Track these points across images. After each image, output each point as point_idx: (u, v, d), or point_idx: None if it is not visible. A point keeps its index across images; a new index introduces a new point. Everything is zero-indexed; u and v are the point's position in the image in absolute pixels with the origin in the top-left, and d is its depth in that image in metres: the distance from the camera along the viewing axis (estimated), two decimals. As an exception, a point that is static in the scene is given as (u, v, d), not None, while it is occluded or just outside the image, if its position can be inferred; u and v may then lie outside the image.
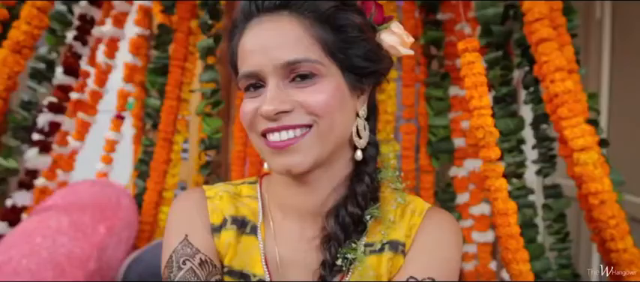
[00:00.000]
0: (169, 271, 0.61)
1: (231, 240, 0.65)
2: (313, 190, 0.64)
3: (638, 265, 0.90)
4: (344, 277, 0.62)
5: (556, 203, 1.29)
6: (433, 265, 0.61)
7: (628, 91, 1.75)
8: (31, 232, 1.20)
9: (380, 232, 0.64)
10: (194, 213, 0.67)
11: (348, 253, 0.62)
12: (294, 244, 0.66)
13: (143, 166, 1.69)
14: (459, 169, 1.62)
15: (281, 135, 0.58)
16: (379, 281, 0.62)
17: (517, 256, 0.90)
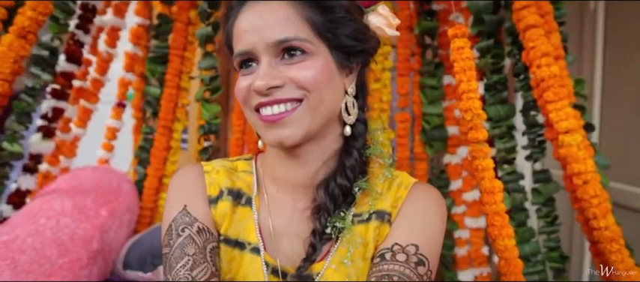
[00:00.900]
0: (169, 238, 0.65)
1: (227, 210, 0.69)
2: (304, 163, 0.68)
3: (618, 241, 0.94)
4: (333, 245, 0.66)
5: (545, 187, 1.33)
6: (417, 233, 0.65)
7: (621, 81, 1.78)
8: (35, 213, 1.24)
9: (367, 203, 0.68)
10: (192, 185, 0.70)
11: (337, 222, 0.65)
12: (287, 214, 0.69)
13: (143, 153, 1.73)
14: (452, 157, 1.66)
15: (273, 109, 0.62)
16: (366, 248, 0.66)
17: (503, 232, 0.94)
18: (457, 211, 1.67)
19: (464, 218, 1.66)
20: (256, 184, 0.73)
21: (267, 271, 0.66)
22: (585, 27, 1.94)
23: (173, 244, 0.64)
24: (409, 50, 1.70)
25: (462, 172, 1.65)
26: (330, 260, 0.65)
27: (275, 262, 0.66)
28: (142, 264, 1.28)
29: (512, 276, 0.92)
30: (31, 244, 1.12)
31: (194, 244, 0.63)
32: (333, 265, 0.65)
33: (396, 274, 0.59)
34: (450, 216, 1.68)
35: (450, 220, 1.69)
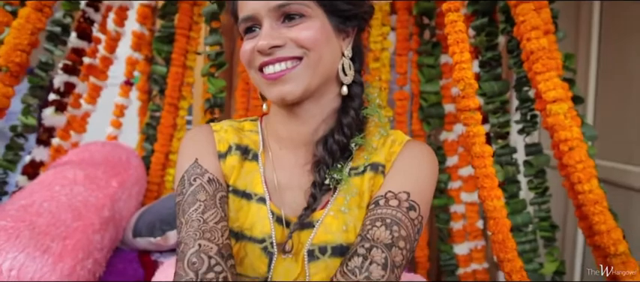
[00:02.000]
0: (182, 187, 0.71)
1: (235, 164, 0.75)
2: (305, 122, 0.74)
3: (601, 203, 1.00)
4: (331, 195, 0.72)
5: (536, 160, 1.38)
6: (409, 182, 0.70)
7: (616, 66, 1.82)
8: (50, 181, 1.31)
9: (363, 157, 0.74)
10: (203, 142, 0.76)
11: (335, 174, 0.71)
12: (290, 169, 0.75)
13: (150, 130, 1.79)
14: (448, 134, 1.72)
15: (275, 67, 0.68)
16: (361, 197, 0.72)
17: (492, 194, 0.99)
18: (453, 186, 1.73)
19: (459, 193, 1.72)
20: (262, 142, 0.78)
21: (273, 218, 0.71)
22: (581, 17, 1.98)
23: (186, 192, 0.70)
24: (407, 31, 1.75)
25: (458, 148, 1.71)
26: (328, 208, 0.71)
27: (279, 211, 0.72)
28: (152, 230, 1.34)
29: (500, 234, 0.98)
30: (47, 208, 1.18)
31: (205, 192, 0.69)
32: (331, 213, 0.70)
33: (388, 217, 0.65)
34: (446, 191, 1.75)
35: (446, 195, 1.75)
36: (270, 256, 0.69)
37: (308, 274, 0.68)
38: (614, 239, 0.98)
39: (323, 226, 0.70)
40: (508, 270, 0.97)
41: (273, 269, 0.69)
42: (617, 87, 1.73)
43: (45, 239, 1.11)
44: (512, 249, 0.98)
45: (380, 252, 0.61)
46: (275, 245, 0.69)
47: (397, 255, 0.62)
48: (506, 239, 0.97)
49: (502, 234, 0.97)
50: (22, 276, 1.07)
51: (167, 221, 1.33)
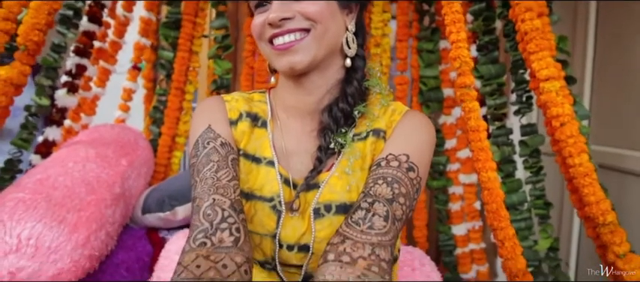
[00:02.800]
0: (196, 150, 0.76)
1: (246, 129, 0.80)
2: (311, 91, 0.79)
3: (591, 176, 1.05)
4: (336, 159, 0.77)
5: (531, 140, 1.43)
6: (408, 146, 0.75)
7: (612, 53, 1.86)
8: (63, 158, 1.36)
9: (365, 124, 0.79)
10: (215, 110, 0.81)
11: (340, 138, 0.76)
12: (297, 136, 0.80)
13: (157, 113, 1.84)
14: (447, 117, 1.77)
15: (284, 38, 0.73)
16: (364, 160, 0.77)
17: (486, 165, 1.05)
18: (451, 168, 1.78)
19: (458, 175, 1.78)
20: (270, 112, 0.84)
21: (281, 180, 0.77)
22: (578, 5, 2.02)
23: (200, 154, 0.75)
24: (407, 17, 1.79)
25: (456, 131, 1.76)
26: (333, 170, 0.76)
27: (287, 173, 0.77)
28: (161, 205, 1.40)
29: (494, 204, 1.03)
30: (62, 182, 1.24)
31: (218, 154, 0.74)
32: (336, 174, 0.76)
33: (389, 176, 0.70)
34: (445, 173, 1.80)
35: (445, 176, 1.80)
36: (278, 214, 0.74)
37: (314, 230, 0.73)
38: (603, 209, 1.03)
39: (328, 186, 0.75)
40: (501, 238, 1.02)
41: (281, 226, 0.74)
42: (613, 73, 1.78)
43: (61, 211, 1.16)
44: (506, 218, 1.03)
45: (382, 206, 0.66)
46: (283, 204, 0.75)
47: (397, 209, 0.67)
48: (500, 208, 1.02)
49: (496, 203, 1.03)
50: (40, 244, 1.12)
51: (175, 197, 1.38)
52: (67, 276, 1.17)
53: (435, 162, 1.79)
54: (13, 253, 1.11)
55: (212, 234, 0.64)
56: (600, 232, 1.05)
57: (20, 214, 1.12)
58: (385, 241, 0.63)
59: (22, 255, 1.11)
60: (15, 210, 1.13)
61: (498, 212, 1.02)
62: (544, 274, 1.45)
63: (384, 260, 0.61)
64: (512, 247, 1.01)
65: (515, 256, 1.00)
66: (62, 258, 1.14)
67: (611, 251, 1.04)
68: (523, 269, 1.00)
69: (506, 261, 1.02)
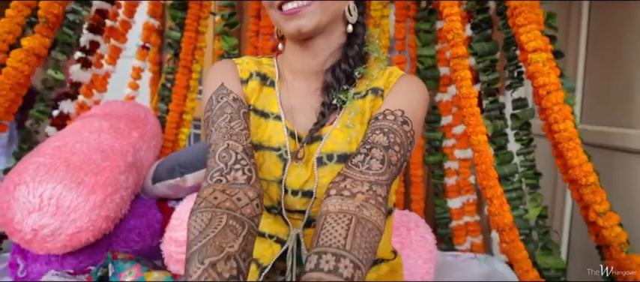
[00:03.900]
0: (210, 105, 0.83)
1: (255, 87, 0.87)
2: (316, 54, 0.86)
3: (574, 140, 1.13)
4: (337, 114, 0.85)
5: (522, 113, 1.51)
6: (404, 103, 0.83)
7: (605, 34, 1.93)
8: (79, 129, 1.44)
9: (365, 84, 0.87)
10: (227, 70, 0.89)
11: (341, 95, 0.84)
12: (302, 95, 0.88)
13: (165, 91, 1.92)
14: (443, 95, 1.85)
15: (293, 4, 0.80)
16: (363, 115, 0.84)
17: (477, 130, 1.12)
18: (447, 143, 1.86)
19: (453, 150, 1.86)
20: (278, 74, 0.91)
21: (287, 132, 0.84)
22: None
23: (214, 107, 0.82)
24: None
25: (452, 108, 1.83)
26: (335, 124, 0.84)
27: (293, 127, 0.85)
28: (171, 172, 1.47)
29: (484, 165, 1.11)
30: (79, 149, 1.32)
31: (230, 107, 0.82)
32: (338, 126, 0.83)
33: (386, 127, 0.78)
34: (441, 148, 1.88)
35: (441, 152, 1.88)
36: (284, 162, 0.82)
37: (317, 177, 0.81)
38: (585, 171, 1.11)
39: (330, 138, 0.83)
40: (490, 196, 1.10)
41: (287, 173, 0.82)
42: (606, 54, 1.85)
43: (79, 174, 1.24)
44: (494, 178, 1.11)
45: (379, 151, 0.74)
46: (289, 153, 0.82)
47: (393, 155, 0.75)
48: (489, 169, 1.10)
49: (485, 165, 1.10)
50: (60, 204, 1.20)
51: (185, 166, 1.45)
52: (86, 235, 1.25)
53: (431, 138, 1.87)
54: (36, 211, 1.19)
55: (227, 173, 0.72)
56: (583, 193, 1.13)
57: (42, 176, 1.20)
58: (381, 181, 0.71)
59: (44, 213, 1.19)
60: (37, 172, 1.21)
61: (487, 172, 1.10)
62: (534, 242, 1.54)
63: (380, 195, 0.69)
64: (500, 205, 1.09)
65: (503, 212, 1.08)
66: (81, 217, 1.22)
67: (592, 210, 1.12)
68: (509, 224, 1.08)
69: (494, 217, 1.10)
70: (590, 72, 2.00)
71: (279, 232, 0.86)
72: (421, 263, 1.25)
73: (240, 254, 0.61)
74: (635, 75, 1.64)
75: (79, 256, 1.35)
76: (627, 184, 1.65)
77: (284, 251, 0.85)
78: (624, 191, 1.64)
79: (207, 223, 0.63)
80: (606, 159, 1.75)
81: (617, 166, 1.73)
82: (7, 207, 1.20)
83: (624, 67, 1.70)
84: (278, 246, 0.86)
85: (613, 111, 1.80)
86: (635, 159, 1.65)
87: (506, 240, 1.07)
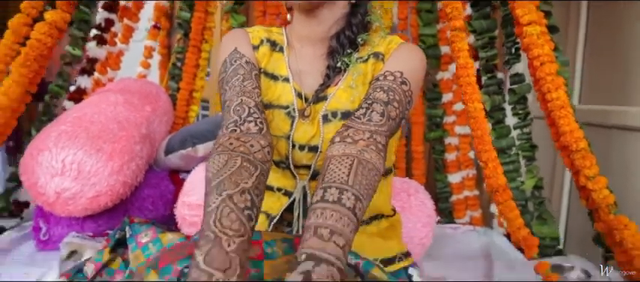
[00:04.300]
0: (224, 67, 0.90)
1: (266, 52, 0.94)
2: (321, 22, 0.93)
3: (566, 108, 1.19)
4: (342, 76, 0.92)
5: (519, 88, 1.57)
6: (403, 66, 0.90)
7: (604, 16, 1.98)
8: (96, 102, 1.51)
9: (367, 50, 0.93)
10: (240, 37, 0.96)
11: (345, 59, 0.91)
12: (309, 60, 0.95)
13: (175, 70, 1.99)
14: (444, 73, 1.91)
15: None
16: (365, 77, 0.91)
17: (473, 97, 1.19)
18: (448, 120, 1.93)
19: (454, 127, 1.92)
20: (286, 42, 0.98)
21: (294, 93, 0.91)
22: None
23: (228, 69, 0.89)
24: (408, -21, 1.93)
25: (453, 86, 1.90)
26: (339, 85, 0.91)
27: (300, 88, 0.92)
28: (183, 143, 1.55)
29: (479, 130, 1.18)
30: (97, 119, 1.39)
31: (243, 68, 0.89)
32: (341, 87, 0.90)
33: (386, 86, 0.85)
34: (442, 125, 1.95)
35: (441, 128, 1.95)
36: (292, 119, 0.89)
37: (322, 133, 0.88)
38: (576, 137, 1.18)
39: (335, 97, 0.90)
40: (484, 159, 1.17)
41: (295, 129, 0.89)
42: (604, 36, 1.90)
43: (98, 141, 1.32)
44: (489, 142, 1.18)
45: (379, 105, 0.81)
46: (296, 111, 0.90)
47: (392, 110, 0.82)
48: (484, 134, 1.17)
49: (481, 130, 1.17)
50: (81, 169, 1.28)
51: (197, 136, 1.53)
52: (104, 198, 1.33)
53: (432, 115, 1.94)
54: (58, 175, 1.27)
55: (241, 124, 0.79)
56: (573, 158, 1.19)
57: (64, 142, 1.28)
58: (381, 130, 0.78)
59: (66, 177, 1.27)
60: (59, 139, 1.29)
61: (483, 138, 1.17)
62: (530, 213, 1.60)
63: (379, 143, 0.76)
64: (495, 167, 1.15)
65: (497, 174, 1.15)
66: (100, 182, 1.30)
67: (582, 175, 1.18)
68: (503, 185, 1.15)
69: (488, 179, 1.16)
70: (589, 55, 2.05)
71: (287, 185, 0.93)
72: (420, 227, 1.32)
73: (253, 190, 0.68)
74: (632, 55, 1.69)
75: (98, 221, 1.43)
76: (624, 161, 1.70)
77: (291, 203, 0.93)
78: (621, 168, 1.70)
79: (224, 164, 0.70)
80: (604, 137, 1.81)
81: (615, 143, 1.79)
82: (31, 171, 1.28)
83: (622, 47, 1.75)
84: (286, 198, 0.93)
85: (611, 91, 1.86)
86: (630, 135, 1.71)
87: (500, 200, 1.14)
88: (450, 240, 1.76)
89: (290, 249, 0.79)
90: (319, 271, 0.56)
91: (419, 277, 0.97)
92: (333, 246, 0.59)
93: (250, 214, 0.65)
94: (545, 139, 1.60)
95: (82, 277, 1.24)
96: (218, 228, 0.61)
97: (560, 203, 2.04)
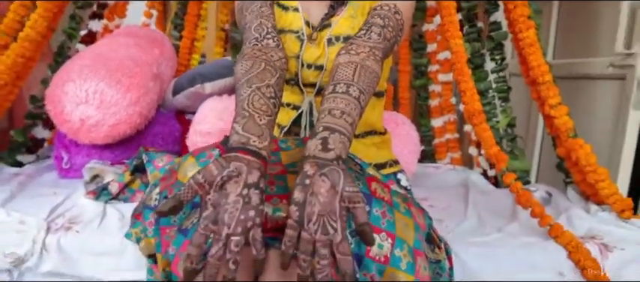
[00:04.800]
0: (241, 15, 1.04)
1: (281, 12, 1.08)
2: None
3: (535, 46, 1.35)
4: (344, 6, 1.07)
5: (497, 35, 1.74)
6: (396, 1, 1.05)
7: None
8: (109, 43, 1.63)
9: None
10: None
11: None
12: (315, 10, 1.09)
13: (177, 19, 2.11)
14: (429, 25, 2.06)
15: None
16: (364, 9, 1.06)
17: (454, 34, 1.35)
18: (432, 69, 2.10)
19: (437, 75, 2.09)
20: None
21: (303, 20, 1.06)
22: None
23: (247, 19, 1.03)
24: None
25: (437, 36, 2.06)
26: (342, 14, 1.06)
27: (308, 17, 1.07)
28: (191, 81, 1.68)
29: (459, 63, 1.34)
30: (114, 56, 1.52)
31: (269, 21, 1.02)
32: (344, 16, 1.06)
33: (382, 14, 1.00)
34: (426, 73, 2.11)
35: (426, 76, 2.12)
36: (301, 42, 1.04)
37: (327, 53, 1.04)
38: (542, 71, 1.35)
39: (338, 24, 1.05)
40: (463, 88, 1.34)
41: (303, 51, 1.04)
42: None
43: (117, 74, 1.45)
44: (467, 74, 1.35)
45: (377, 28, 0.97)
46: (305, 35, 1.05)
47: (387, 32, 0.98)
48: (463, 66, 1.34)
49: (460, 63, 1.34)
50: (103, 99, 1.42)
51: (205, 75, 1.66)
52: (123, 127, 1.47)
53: (417, 64, 2.10)
54: (83, 104, 1.41)
55: (261, 40, 0.94)
56: (539, 90, 1.37)
57: (86, 74, 1.41)
58: (379, 46, 0.94)
59: (89, 106, 1.41)
60: (81, 72, 1.42)
61: (462, 69, 1.34)
62: (504, 149, 1.79)
63: (377, 55, 0.92)
64: (472, 95, 1.33)
65: (473, 101, 1.32)
66: (120, 111, 1.44)
67: (547, 104, 1.36)
68: (479, 110, 1.32)
69: (466, 105, 1.34)
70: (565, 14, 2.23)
71: (295, 100, 1.09)
72: (407, 153, 1.50)
73: (275, 86, 0.84)
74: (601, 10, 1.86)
75: (115, 151, 1.58)
76: (590, 108, 1.90)
77: (299, 116, 1.08)
78: (587, 113, 1.90)
79: (250, 66, 0.86)
80: (573, 88, 2.00)
81: (582, 92, 1.98)
82: (58, 100, 1.41)
83: (593, 3, 1.92)
84: (294, 111, 1.09)
85: (580, 44, 2.04)
86: (595, 83, 1.90)
87: (476, 122, 1.31)
88: (432, 176, 1.95)
89: (301, 144, 0.95)
90: (334, 138, 0.72)
91: (406, 181, 1.15)
92: (344, 122, 0.75)
93: (274, 102, 0.81)
94: (522, 93, 1.79)
95: (106, 195, 1.40)
96: (251, 108, 0.76)
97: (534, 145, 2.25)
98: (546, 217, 1.17)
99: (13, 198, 1.32)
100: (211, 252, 0.61)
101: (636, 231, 1.23)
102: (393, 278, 0.76)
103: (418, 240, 0.82)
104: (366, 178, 0.85)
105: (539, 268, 1.12)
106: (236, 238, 0.62)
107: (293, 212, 0.63)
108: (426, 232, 0.89)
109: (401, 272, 0.77)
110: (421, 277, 0.78)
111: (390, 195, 0.85)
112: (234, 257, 0.61)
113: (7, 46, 1.37)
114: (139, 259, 1.04)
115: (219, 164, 0.66)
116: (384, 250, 0.77)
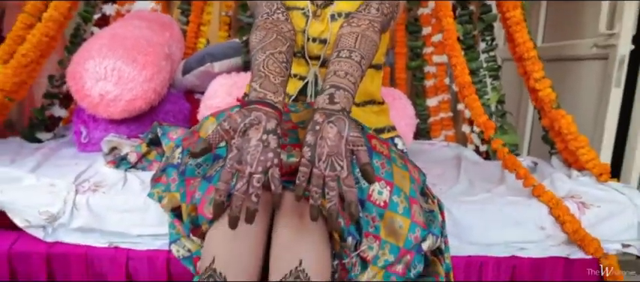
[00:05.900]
0: None
1: None
2: None
3: (521, 24, 1.46)
4: None
5: (487, 17, 1.85)
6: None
7: None
8: (123, 25, 1.74)
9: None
10: None
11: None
12: None
13: (184, 5, 2.21)
14: (424, 9, 2.17)
15: None
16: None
17: (446, 13, 1.46)
18: (427, 51, 2.21)
19: (432, 57, 2.20)
20: None
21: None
22: None
23: None
24: None
25: (431, 19, 2.16)
26: (342, -8, 1.17)
27: (312, -6, 1.18)
28: (201, 60, 1.79)
29: (450, 40, 1.45)
30: (129, 36, 1.62)
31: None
32: (344, -7, 1.17)
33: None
34: (422, 55, 2.22)
35: (421, 58, 2.23)
36: (307, 17, 1.15)
37: (330, 27, 1.15)
38: (528, 47, 1.46)
39: (340, 2, 1.16)
40: (454, 63, 1.45)
41: (309, 26, 1.15)
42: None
43: (133, 52, 1.55)
44: (458, 49, 1.46)
45: (375, 3, 1.08)
46: (310, 11, 1.16)
47: (385, 8, 1.09)
48: (454, 43, 1.45)
49: (451, 40, 1.45)
50: (121, 75, 1.52)
51: (214, 55, 1.77)
52: (139, 102, 1.58)
53: (413, 46, 2.22)
54: (102, 80, 1.51)
55: (272, 14, 1.05)
56: (525, 65, 1.48)
57: (105, 52, 1.52)
58: (377, 20, 1.05)
59: (108, 82, 1.52)
60: (101, 50, 1.52)
61: (453, 46, 1.45)
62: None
63: (376, 27, 1.03)
64: (462, 69, 1.44)
65: (464, 73, 1.43)
66: (136, 87, 1.55)
67: (532, 78, 1.48)
68: (468, 82, 1.43)
69: (457, 78, 1.45)
70: None
71: (302, 71, 1.20)
72: (403, 125, 1.61)
73: (286, 53, 0.95)
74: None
75: (131, 126, 1.68)
76: (577, 88, 2.01)
77: (305, 85, 1.19)
78: (573, 92, 2.01)
79: (264, 36, 0.97)
80: (561, 69, 2.12)
81: (569, 73, 2.09)
82: (79, 77, 1.51)
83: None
84: (300, 82, 1.20)
85: (567, 28, 2.15)
86: (580, 64, 2.01)
87: (466, 94, 1.42)
88: (428, 152, 2.07)
89: (309, 107, 1.07)
90: (339, 94, 0.83)
91: (403, 145, 1.26)
92: (348, 81, 0.86)
93: (286, 65, 0.92)
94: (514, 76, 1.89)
95: (126, 164, 1.51)
96: (266, 70, 0.87)
97: (525, 126, 2.37)
98: (530, 179, 1.29)
99: (39, 166, 1.43)
100: (236, 187, 0.72)
101: (612, 192, 1.35)
102: (391, 220, 0.88)
103: (413, 189, 0.94)
104: (367, 135, 0.96)
105: (524, 222, 1.24)
106: (257, 176, 0.73)
107: (305, 152, 0.74)
108: (420, 186, 1.00)
109: (398, 215, 0.88)
110: (416, 221, 0.90)
111: (388, 151, 0.96)
112: (255, 191, 0.72)
113: (32, 25, 1.47)
114: (162, 215, 1.16)
115: (242, 113, 0.77)
116: (384, 196, 0.88)
